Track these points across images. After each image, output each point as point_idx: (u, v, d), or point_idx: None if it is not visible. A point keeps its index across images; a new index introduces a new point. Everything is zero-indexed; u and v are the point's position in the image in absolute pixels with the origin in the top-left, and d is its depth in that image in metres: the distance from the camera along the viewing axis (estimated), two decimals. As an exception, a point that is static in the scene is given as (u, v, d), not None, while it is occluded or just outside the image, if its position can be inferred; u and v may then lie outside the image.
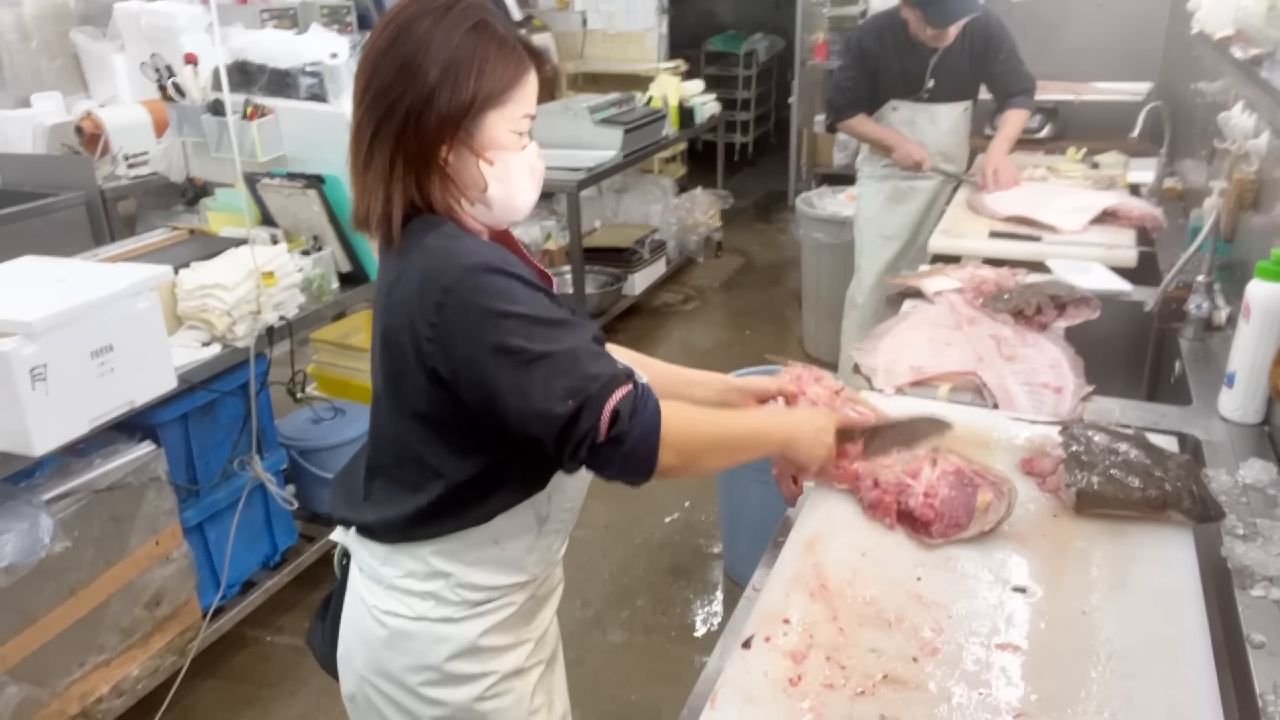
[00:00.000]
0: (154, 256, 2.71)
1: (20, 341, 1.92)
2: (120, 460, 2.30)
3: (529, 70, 1.21)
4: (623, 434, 1.11)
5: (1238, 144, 2.32)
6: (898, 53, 3.37)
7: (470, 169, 1.20)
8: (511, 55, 1.19)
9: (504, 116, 1.20)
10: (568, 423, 1.10)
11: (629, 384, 1.14)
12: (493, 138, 1.20)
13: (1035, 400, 1.80)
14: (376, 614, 1.29)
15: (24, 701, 2.14)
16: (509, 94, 1.19)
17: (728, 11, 8.99)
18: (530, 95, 1.22)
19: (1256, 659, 1.15)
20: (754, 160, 8.49)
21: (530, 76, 1.21)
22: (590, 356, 1.13)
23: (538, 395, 1.10)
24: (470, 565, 1.27)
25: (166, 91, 3.07)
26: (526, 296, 1.12)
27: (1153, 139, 3.62)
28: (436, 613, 1.27)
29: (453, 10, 1.18)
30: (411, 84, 1.15)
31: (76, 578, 2.23)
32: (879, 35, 3.40)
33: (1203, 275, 2.09)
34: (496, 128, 1.20)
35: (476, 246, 1.18)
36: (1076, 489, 1.41)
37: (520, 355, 1.10)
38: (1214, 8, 2.91)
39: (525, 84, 1.21)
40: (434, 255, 1.15)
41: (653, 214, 5.82)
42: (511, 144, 1.21)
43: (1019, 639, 1.18)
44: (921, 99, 3.45)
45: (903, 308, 2.29)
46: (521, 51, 1.21)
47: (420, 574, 1.27)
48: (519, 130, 1.22)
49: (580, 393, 1.10)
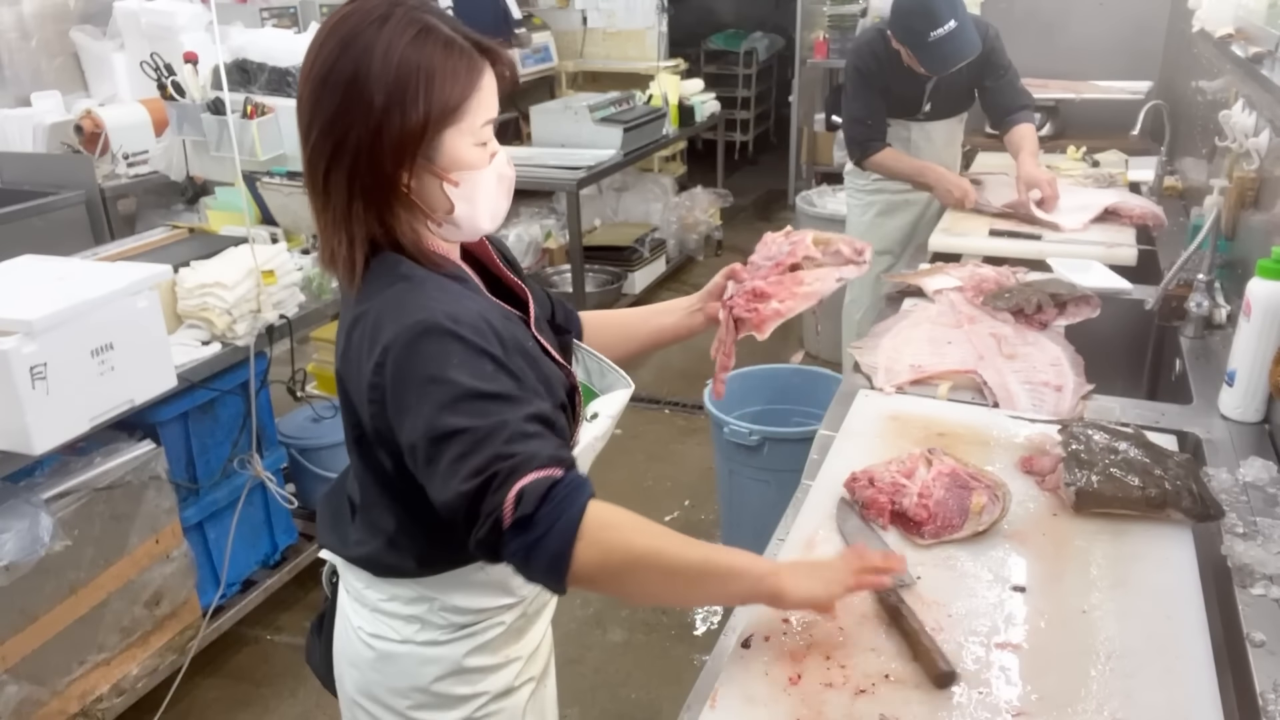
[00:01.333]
0: (154, 255, 2.71)
1: (20, 340, 1.92)
2: (120, 459, 2.30)
3: (483, 72, 1.11)
4: (528, 521, 0.97)
5: (1238, 142, 2.32)
6: (894, 75, 3.17)
7: (434, 192, 1.11)
8: (461, 61, 1.08)
9: (462, 131, 1.10)
10: (471, 502, 0.98)
11: (551, 469, 0.99)
12: (454, 157, 1.10)
13: (1035, 399, 1.80)
14: (363, 636, 1.26)
15: (24, 700, 2.14)
16: (464, 105, 1.09)
17: (728, 10, 8.98)
18: (488, 99, 1.12)
19: (1257, 658, 1.15)
20: (754, 159, 8.49)
21: (485, 80, 1.11)
22: (515, 436, 1.00)
23: (446, 471, 0.99)
24: (455, 589, 1.22)
25: (166, 90, 3.07)
26: (463, 363, 1.02)
27: (1153, 137, 3.62)
28: (422, 636, 1.24)
29: (391, 19, 1.06)
30: (357, 114, 1.05)
31: (76, 576, 2.23)
32: (873, 56, 3.19)
33: (1203, 273, 2.09)
34: (456, 145, 1.10)
35: (427, 299, 1.07)
36: (1076, 488, 1.41)
37: (439, 427, 0.99)
38: (1214, 6, 2.91)
39: (481, 89, 1.10)
40: (386, 305, 1.07)
41: (653, 212, 5.82)
42: (475, 159, 1.12)
43: (1019, 638, 1.18)
44: (917, 119, 3.33)
45: (903, 306, 2.29)
46: (472, 53, 1.10)
47: (405, 598, 1.23)
48: (481, 140, 1.12)
49: (486, 470, 0.97)
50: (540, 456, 0.99)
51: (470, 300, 1.11)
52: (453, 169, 1.10)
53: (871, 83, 3.22)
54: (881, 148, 3.26)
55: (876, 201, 3.51)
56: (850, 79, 3.30)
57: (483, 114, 1.11)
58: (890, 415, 1.76)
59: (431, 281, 1.11)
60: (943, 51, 2.95)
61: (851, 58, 3.32)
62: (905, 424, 1.73)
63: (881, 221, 3.52)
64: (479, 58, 1.10)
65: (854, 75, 3.27)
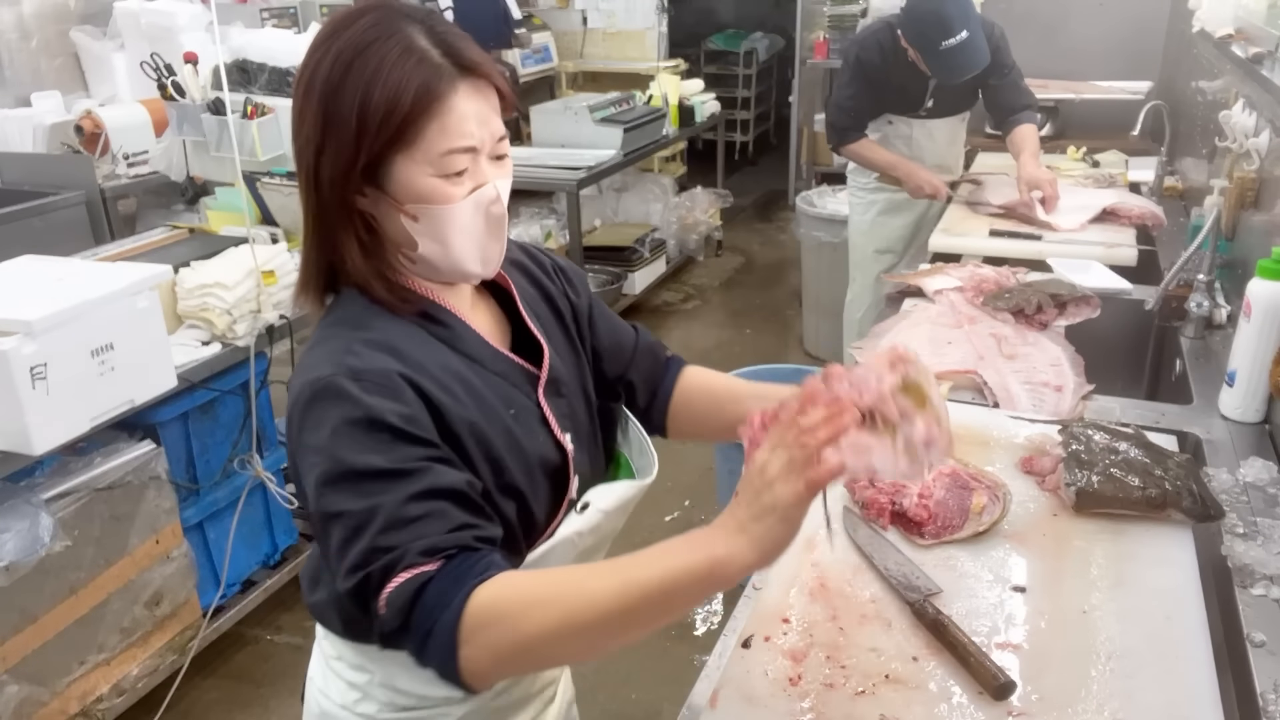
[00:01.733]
0: (154, 255, 2.71)
1: (20, 340, 1.92)
2: (120, 459, 2.30)
3: (448, 93, 0.94)
4: (403, 630, 0.86)
5: (1238, 142, 2.32)
6: (898, 70, 3.16)
7: (396, 224, 0.98)
8: (415, 75, 0.93)
9: (416, 159, 0.95)
10: (355, 600, 0.88)
11: (424, 565, 0.85)
12: (408, 187, 0.96)
13: (1035, 399, 1.80)
14: (315, 685, 1.19)
15: (24, 700, 2.14)
16: (416, 129, 0.93)
17: (728, 10, 8.98)
18: (456, 125, 0.94)
19: (1257, 658, 1.15)
20: (754, 159, 8.49)
21: (454, 101, 0.94)
22: (392, 523, 0.86)
23: (334, 558, 0.89)
24: (396, 666, 1.08)
25: (166, 90, 3.07)
26: (350, 432, 0.89)
27: (1153, 137, 3.62)
28: (361, 708, 1.12)
29: (358, 23, 0.95)
30: (305, 129, 0.96)
31: (76, 577, 2.23)
32: (879, 48, 3.17)
33: (1203, 274, 2.09)
34: (409, 174, 0.95)
35: (340, 351, 0.95)
36: (1076, 488, 1.41)
37: (321, 507, 0.90)
38: (1214, 6, 2.91)
39: (445, 112, 0.94)
40: (304, 354, 0.99)
41: (653, 213, 5.82)
42: (434, 192, 0.96)
43: (1019, 638, 1.18)
44: (919, 115, 3.32)
45: (903, 306, 2.29)
46: (441, 68, 0.94)
47: (349, 661, 1.13)
48: (448, 171, 0.96)
49: (362, 568, 0.86)
50: (412, 551, 0.85)
51: (412, 351, 0.98)
52: (408, 200, 0.96)
53: (868, 75, 3.22)
54: (859, 137, 3.30)
55: (878, 200, 3.50)
56: (847, 66, 3.29)
57: (447, 140, 0.95)
58: (890, 415, 1.76)
59: (372, 327, 0.99)
60: (954, 62, 2.96)
61: (854, 46, 3.31)
62: (905, 424, 1.72)
63: (883, 220, 3.52)
64: (450, 75, 0.94)
65: (853, 64, 3.26)
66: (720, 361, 4.42)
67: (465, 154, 0.96)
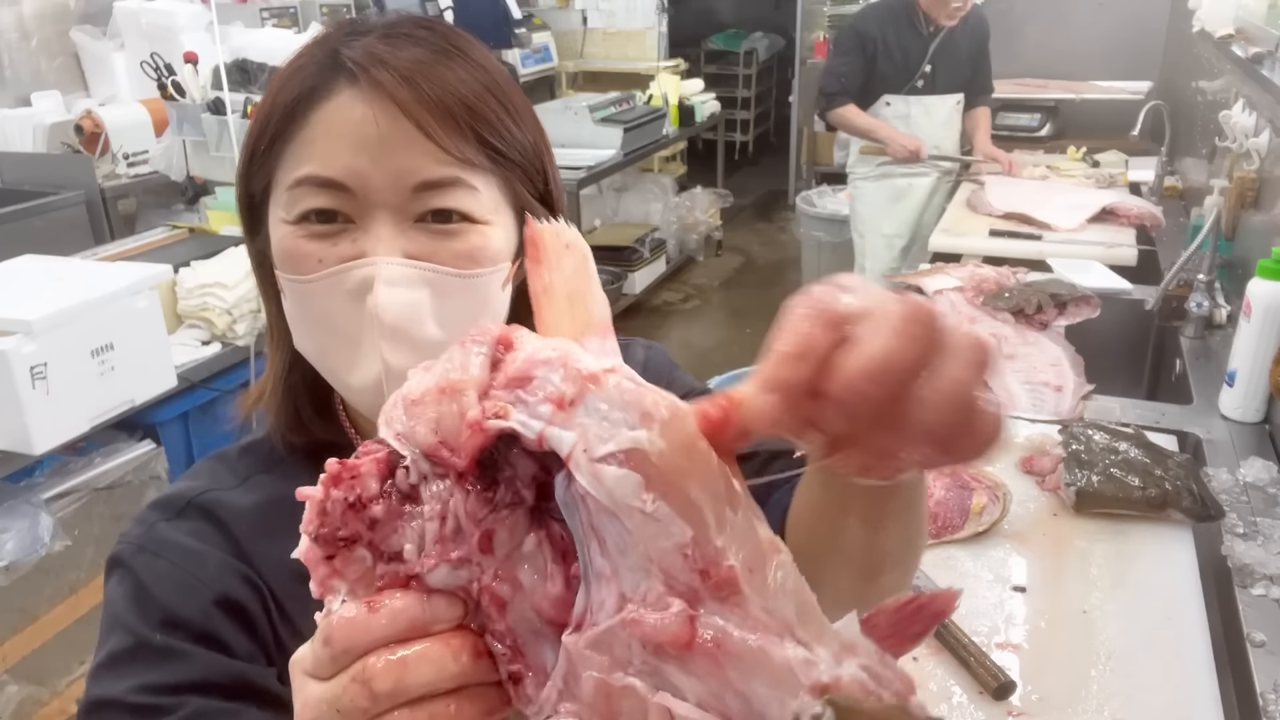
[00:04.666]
0: (154, 255, 2.71)
1: (20, 340, 1.92)
2: (120, 459, 2.30)
3: (317, 99, 0.64)
4: None
5: (1238, 142, 2.32)
6: (898, 38, 3.32)
7: None
8: (293, 79, 0.65)
9: (277, 198, 0.66)
10: None
11: None
12: (273, 244, 0.67)
13: (1035, 398, 1.80)
14: None
15: (24, 700, 2.14)
16: (275, 151, 0.66)
17: (728, 10, 8.98)
18: (316, 145, 0.64)
19: (1257, 658, 1.15)
20: (754, 159, 8.48)
21: (320, 112, 0.64)
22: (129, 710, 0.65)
23: None
24: None
25: (166, 90, 3.07)
26: (125, 610, 0.70)
27: (1153, 138, 3.62)
28: None
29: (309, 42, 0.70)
30: None
31: (76, 576, 2.23)
32: (879, 20, 3.33)
33: (1203, 274, 2.09)
34: (273, 226, 0.67)
35: (173, 498, 0.74)
36: (1076, 488, 1.41)
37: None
38: (1214, 6, 2.91)
39: (305, 124, 0.64)
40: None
41: (653, 213, 5.82)
42: (286, 251, 0.65)
43: (1019, 638, 1.18)
44: (916, 89, 3.41)
45: (903, 306, 2.29)
46: (331, 67, 0.64)
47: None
48: (295, 215, 0.64)
49: None
50: None
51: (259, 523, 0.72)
52: (278, 265, 0.67)
53: (865, 47, 3.34)
54: (846, 103, 3.39)
55: (884, 187, 3.58)
56: (845, 35, 3.48)
57: (296, 165, 0.64)
58: (890, 415, 1.76)
59: (231, 468, 0.78)
60: None
61: (855, 19, 3.53)
62: (905, 424, 1.72)
63: (889, 207, 3.59)
64: (329, 74, 0.64)
65: (850, 34, 3.43)
66: (720, 362, 4.42)
67: (322, 191, 0.63)
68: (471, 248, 0.66)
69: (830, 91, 3.42)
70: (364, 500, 0.37)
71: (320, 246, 0.64)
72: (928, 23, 3.31)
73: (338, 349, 0.66)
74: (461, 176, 0.64)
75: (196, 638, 0.67)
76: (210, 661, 0.66)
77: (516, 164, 0.68)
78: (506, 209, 0.69)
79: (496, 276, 0.68)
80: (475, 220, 0.66)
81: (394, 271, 0.63)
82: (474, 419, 0.36)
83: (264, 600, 0.70)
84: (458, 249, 0.65)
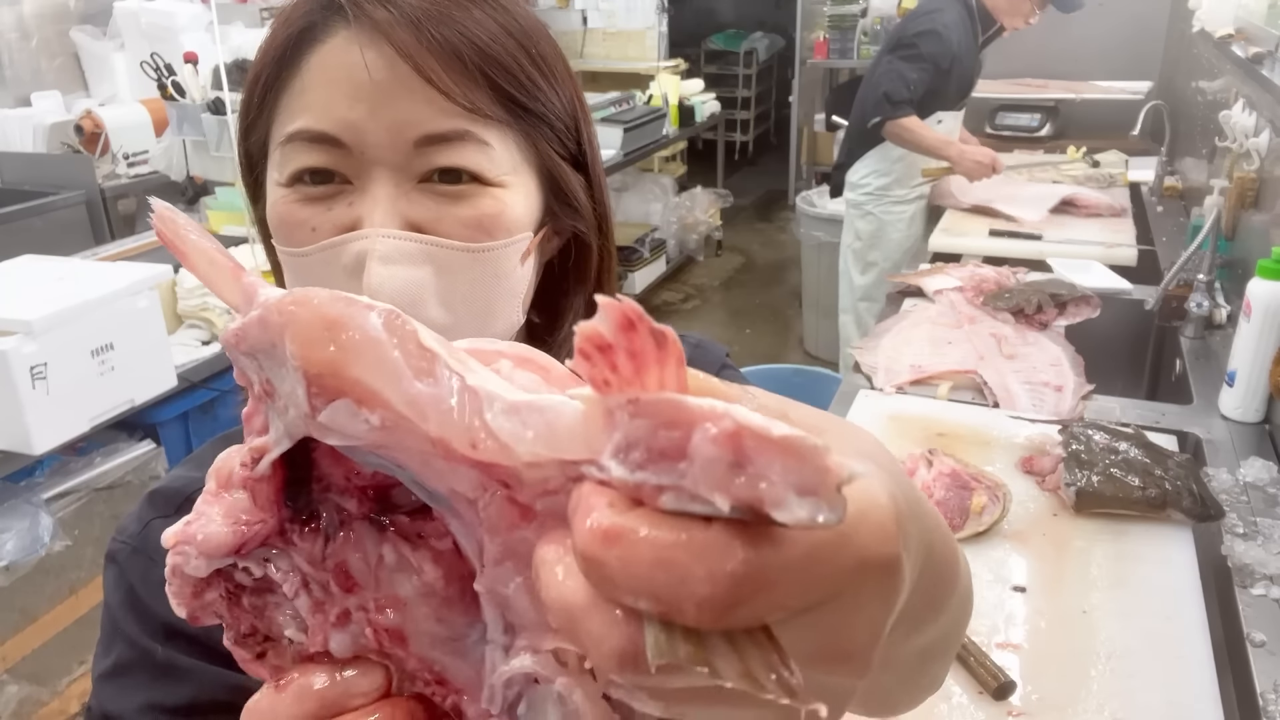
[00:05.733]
0: (154, 255, 2.71)
1: (20, 340, 1.92)
2: (120, 459, 2.30)
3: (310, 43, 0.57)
4: None
5: (1238, 142, 2.32)
6: (966, 49, 3.03)
7: None
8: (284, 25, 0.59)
9: (275, 162, 0.60)
10: None
11: None
12: (271, 210, 0.61)
13: (1035, 399, 1.80)
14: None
15: (24, 700, 2.14)
16: (268, 104, 0.60)
17: (728, 10, 8.98)
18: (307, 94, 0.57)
19: (1257, 658, 1.15)
20: (754, 159, 8.49)
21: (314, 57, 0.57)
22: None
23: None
24: None
25: (166, 90, 3.07)
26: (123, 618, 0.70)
27: (1153, 137, 3.62)
28: None
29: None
30: None
31: (76, 576, 2.23)
32: (957, 29, 2.99)
33: (1203, 274, 2.09)
34: (270, 190, 0.61)
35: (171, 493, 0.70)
36: (1076, 488, 1.41)
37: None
38: (1214, 6, 2.91)
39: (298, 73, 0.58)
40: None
41: (653, 213, 5.82)
42: (280, 218, 0.59)
43: (1019, 638, 1.18)
44: (960, 106, 3.19)
45: (903, 306, 2.29)
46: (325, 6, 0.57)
47: None
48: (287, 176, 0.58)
49: None
50: None
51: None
52: (271, 231, 0.62)
53: (942, 59, 3.00)
54: (910, 114, 3.02)
55: (920, 206, 3.31)
56: (928, 42, 2.99)
57: (289, 118, 0.58)
58: (890, 415, 1.76)
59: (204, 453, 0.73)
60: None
61: (938, 24, 3.01)
62: (905, 424, 1.73)
63: (922, 231, 3.28)
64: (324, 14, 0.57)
65: (934, 41, 2.99)
66: (720, 361, 4.42)
67: (314, 147, 0.57)
68: (482, 215, 0.57)
69: (898, 99, 3.00)
70: (233, 617, 0.33)
71: (314, 212, 0.57)
72: (984, 28, 3.07)
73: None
74: (470, 130, 0.56)
75: (198, 647, 0.65)
76: (214, 677, 0.64)
77: (540, 118, 0.60)
78: (528, 170, 0.60)
79: (513, 249, 0.59)
80: (488, 181, 0.57)
81: (390, 246, 0.56)
82: (243, 477, 0.32)
83: None
84: (466, 216, 0.57)
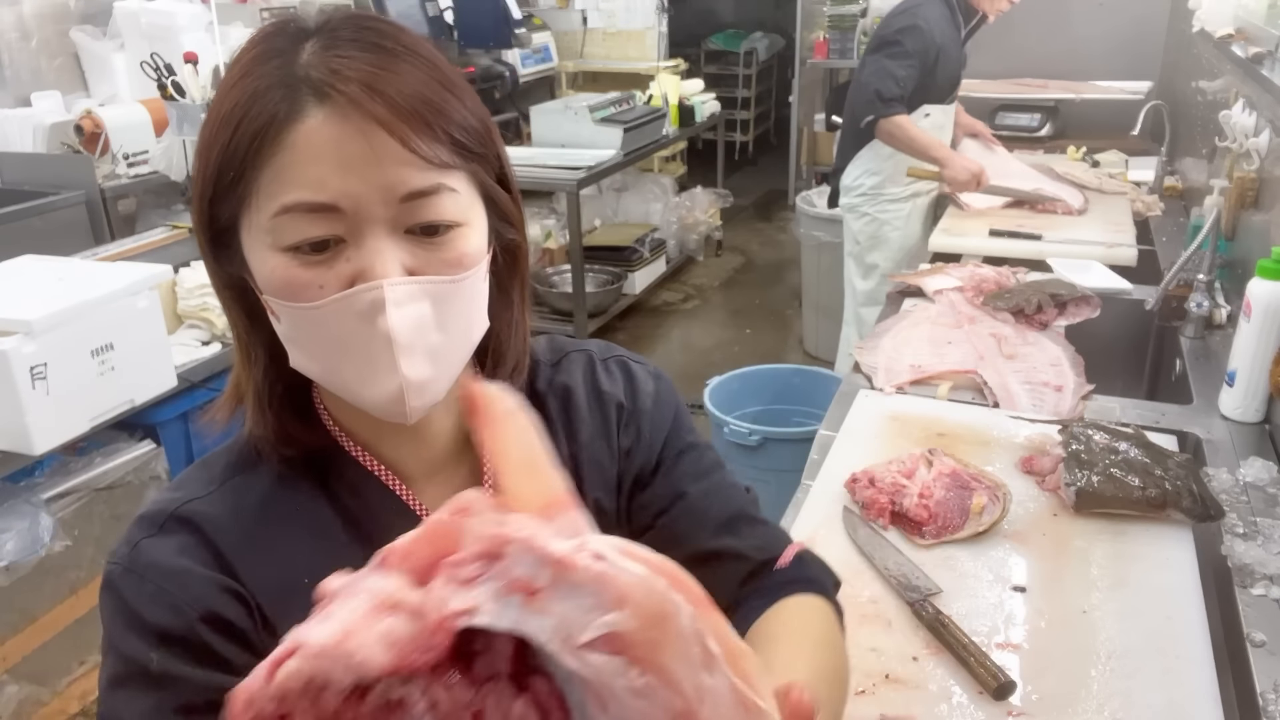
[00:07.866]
0: (154, 255, 2.71)
1: (20, 340, 1.92)
2: (120, 459, 2.30)
3: (291, 121, 0.63)
4: None
5: (1238, 142, 2.32)
6: (950, 41, 3.02)
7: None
8: (255, 99, 0.64)
9: (253, 225, 0.66)
10: None
11: None
12: (256, 267, 0.67)
13: (1035, 399, 1.80)
14: None
15: (24, 700, 2.14)
16: (248, 178, 0.64)
17: (728, 10, 8.99)
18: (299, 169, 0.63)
19: (1257, 658, 1.15)
20: (754, 159, 8.49)
21: (296, 134, 0.63)
22: None
23: None
24: None
25: (166, 90, 3.07)
26: (121, 635, 0.70)
27: (1153, 137, 3.62)
28: None
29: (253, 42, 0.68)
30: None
31: (76, 576, 2.23)
32: (939, 21, 2.98)
33: (1203, 274, 2.09)
34: (250, 246, 0.67)
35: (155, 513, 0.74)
36: (1076, 488, 1.41)
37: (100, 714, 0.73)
38: (1214, 6, 2.91)
39: (280, 149, 0.63)
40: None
41: (653, 213, 5.82)
42: (283, 280, 0.65)
43: (1019, 638, 1.18)
44: (949, 100, 3.17)
45: (903, 306, 2.29)
46: (301, 86, 0.63)
47: None
48: (287, 244, 0.64)
49: None
50: None
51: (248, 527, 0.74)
52: (265, 289, 0.68)
53: (928, 52, 2.98)
54: (901, 111, 2.99)
55: (921, 202, 3.26)
56: (911, 37, 2.97)
57: (281, 191, 0.63)
58: (890, 415, 1.76)
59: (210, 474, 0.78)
60: None
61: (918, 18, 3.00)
62: (905, 424, 1.73)
63: (921, 230, 3.24)
64: (302, 95, 0.63)
65: (916, 36, 2.97)
66: (720, 362, 4.43)
67: (314, 217, 0.63)
68: (459, 254, 0.68)
69: (889, 97, 2.96)
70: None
71: (318, 273, 0.65)
72: (966, 19, 3.08)
73: (351, 367, 0.68)
74: (443, 182, 0.66)
75: (193, 654, 0.68)
76: (209, 681, 0.68)
77: (478, 154, 0.70)
78: (478, 201, 0.71)
79: (480, 272, 0.71)
80: (458, 224, 0.68)
81: (400, 291, 0.65)
82: (438, 620, 0.35)
83: (251, 613, 0.71)
84: (448, 257, 0.68)
